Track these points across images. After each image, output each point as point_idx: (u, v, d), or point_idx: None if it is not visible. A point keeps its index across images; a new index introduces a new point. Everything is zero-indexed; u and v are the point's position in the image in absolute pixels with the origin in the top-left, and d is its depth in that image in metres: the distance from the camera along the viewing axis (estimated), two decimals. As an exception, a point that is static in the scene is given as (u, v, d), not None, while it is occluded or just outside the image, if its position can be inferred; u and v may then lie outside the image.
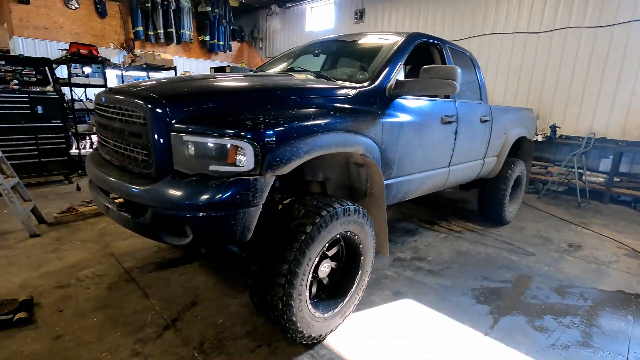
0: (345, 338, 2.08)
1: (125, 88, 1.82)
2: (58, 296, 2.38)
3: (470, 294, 2.67)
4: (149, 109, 1.55)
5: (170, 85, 1.83)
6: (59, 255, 2.95)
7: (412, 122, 2.38)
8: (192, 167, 1.56)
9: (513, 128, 3.93)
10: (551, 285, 2.86)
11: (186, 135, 1.53)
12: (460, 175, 3.23)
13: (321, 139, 1.73)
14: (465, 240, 3.73)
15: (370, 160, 2.02)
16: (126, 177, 1.68)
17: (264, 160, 1.53)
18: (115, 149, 1.82)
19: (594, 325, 2.35)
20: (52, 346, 1.91)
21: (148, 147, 1.58)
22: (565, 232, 4.14)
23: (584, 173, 5.45)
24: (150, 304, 2.34)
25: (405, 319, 2.31)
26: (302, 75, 2.41)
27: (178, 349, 1.93)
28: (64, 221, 3.71)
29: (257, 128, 1.53)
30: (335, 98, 1.97)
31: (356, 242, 2.04)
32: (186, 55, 10.23)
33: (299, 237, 1.67)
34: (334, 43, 3.23)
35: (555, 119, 6.21)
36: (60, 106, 5.04)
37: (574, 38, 5.92)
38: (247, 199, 1.53)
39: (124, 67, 7.57)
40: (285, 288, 1.65)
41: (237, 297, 2.45)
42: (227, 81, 2.00)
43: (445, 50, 2.96)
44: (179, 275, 2.73)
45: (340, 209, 1.82)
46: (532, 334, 2.23)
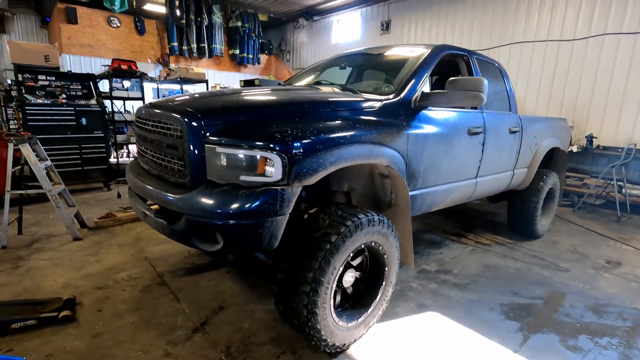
0: (369, 349, 2.09)
1: (164, 103, 1.96)
2: (97, 297, 2.53)
3: (499, 309, 2.60)
4: (185, 123, 1.66)
5: (204, 100, 1.95)
6: (98, 258, 3.15)
7: (438, 134, 2.38)
8: (223, 177, 1.65)
9: (545, 139, 3.81)
10: (586, 303, 2.73)
11: (219, 147, 1.63)
12: (488, 186, 3.17)
13: (346, 150, 1.78)
14: (493, 253, 3.63)
15: (395, 172, 2.05)
16: (163, 186, 1.80)
17: (292, 171, 1.60)
18: (154, 159, 1.95)
19: (634, 348, 2.22)
20: (91, 344, 2.04)
21: (184, 158, 1.69)
22: (603, 247, 3.93)
23: (624, 186, 5.17)
24: (181, 307, 2.44)
25: (430, 333, 2.28)
26: (328, 89, 2.48)
27: (206, 352, 2.01)
28: (103, 226, 3.95)
29: (285, 140, 1.60)
30: (361, 110, 2.02)
31: (380, 253, 2.05)
32: (217, 68, 10.66)
33: (324, 246, 1.71)
34: (360, 56, 3.29)
35: (592, 129, 5.94)
36: (102, 118, 5.40)
37: (612, 44, 5.69)
38: (275, 208, 1.59)
39: (159, 80, 8.00)
40: (310, 296, 1.69)
41: (262, 304, 2.51)
42: (256, 95, 2.10)
43: (472, 61, 2.95)
44: (208, 280, 2.83)
45: (365, 219, 1.85)
46: (565, 354, 2.13)
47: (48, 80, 5.22)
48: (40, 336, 2.09)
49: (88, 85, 5.53)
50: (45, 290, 2.59)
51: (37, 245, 3.38)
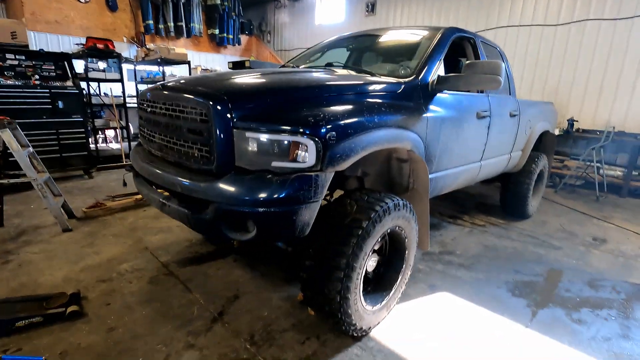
0: (390, 330, 2.12)
1: (182, 85, 1.83)
2: (103, 290, 2.42)
3: (505, 287, 2.70)
4: (211, 106, 1.56)
5: (227, 81, 1.84)
6: (95, 250, 2.99)
7: (453, 117, 2.39)
8: (254, 164, 1.58)
9: (538, 122, 3.93)
10: (583, 278, 2.89)
11: (249, 132, 1.55)
12: (490, 169, 3.25)
13: (376, 134, 1.75)
14: (490, 234, 3.76)
15: (417, 156, 2.04)
16: (185, 173, 1.71)
17: (325, 156, 1.55)
18: (170, 145, 1.84)
19: (631, 318, 2.38)
20: (108, 338, 1.96)
21: (209, 144, 1.60)
22: (588, 226, 4.16)
23: (602, 167, 5.45)
24: (194, 297, 2.38)
25: (444, 312, 2.34)
26: (343, 71, 2.42)
27: (230, 341, 1.97)
28: (93, 216, 3.75)
29: (319, 124, 1.54)
30: (386, 94, 1.98)
31: (402, 237, 2.06)
32: (196, 49, 10.18)
33: (356, 232, 1.69)
34: (363, 38, 3.22)
35: (572, 113, 6.19)
36: (80, 101, 5.05)
37: (593, 30, 5.88)
38: (310, 195, 1.55)
39: (136, 61, 7.55)
40: (344, 282, 1.68)
41: (277, 291, 2.49)
42: (280, 77, 2.00)
43: (478, 44, 2.95)
44: (216, 269, 2.76)
45: (392, 204, 1.84)
46: (572, 327, 2.26)
47: (17, 60, 4.80)
48: (49, 333, 1.97)
49: (62, 66, 5.14)
50: (44, 286, 2.44)
51: (25, 238, 3.17)
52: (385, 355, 1.92)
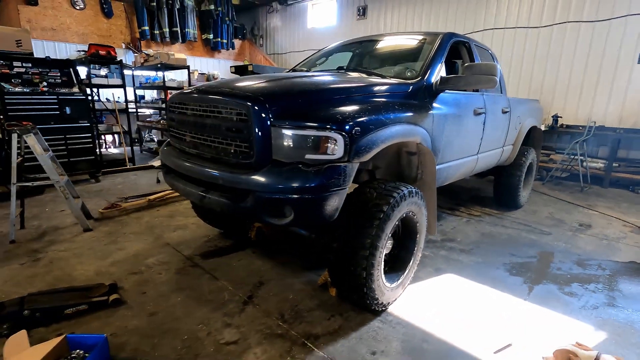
0: (405, 306, 2.35)
1: (220, 88, 2.04)
2: (135, 281, 2.59)
3: (503, 268, 2.97)
4: (251, 107, 1.77)
5: (262, 85, 2.05)
6: (119, 247, 3.15)
7: (454, 114, 2.65)
8: (289, 157, 1.79)
9: (527, 118, 4.24)
10: (571, 259, 3.18)
11: (285, 129, 1.77)
12: (485, 162, 3.52)
13: (392, 129, 1.99)
14: (485, 223, 4.04)
15: (426, 148, 2.29)
16: (225, 168, 1.91)
17: (352, 149, 1.78)
18: (206, 143, 2.04)
19: (616, 290, 2.67)
20: (151, 321, 2.14)
21: (249, 140, 1.81)
22: (575, 213, 4.49)
23: (585, 159, 5.82)
24: (222, 284, 2.57)
25: (452, 290, 2.59)
26: (355, 74, 2.65)
27: (263, 320, 2.17)
28: (109, 216, 3.90)
29: (346, 121, 1.77)
30: (398, 94, 2.23)
31: (414, 221, 2.30)
32: (190, 53, 10.31)
33: (378, 215, 1.92)
34: (364, 44, 3.46)
35: (556, 109, 6.56)
36: (86, 107, 5.17)
37: (573, 32, 6.26)
38: (339, 182, 1.77)
39: (134, 66, 7.67)
40: (368, 259, 1.91)
41: (297, 277, 2.70)
42: (308, 80, 2.22)
43: (472, 47, 3.23)
44: (238, 260, 2.96)
45: (407, 191, 2.08)
46: (564, 299, 2.53)
47: (24, 67, 4.90)
48: (96, 319, 2.15)
49: (68, 72, 5.25)
50: (79, 279, 2.60)
51: (48, 238, 3.30)
52: (404, 327, 2.15)
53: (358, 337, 2.04)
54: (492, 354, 1.95)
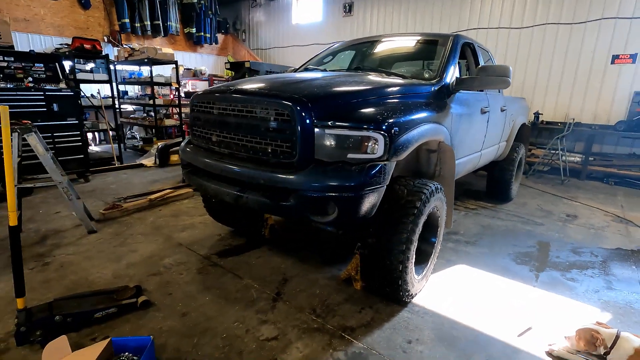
0: (427, 297, 2.47)
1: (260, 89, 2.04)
2: (158, 282, 2.56)
3: (508, 257, 3.16)
4: (296, 109, 1.80)
5: (302, 85, 2.08)
6: (130, 249, 3.09)
7: (467, 113, 2.78)
8: (332, 156, 1.84)
9: (518, 116, 4.48)
10: (567, 247, 3.43)
11: (328, 129, 1.82)
12: (487, 157, 3.71)
13: (424, 128, 2.08)
14: (483, 215, 4.25)
15: (447, 145, 2.40)
16: (264, 167, 1.93)
17: (391, 148, 1.86)
18: (242, 143, 2.05)
19: (610, 275, 2.92)
20: (184, 322, 2.13)
21: (292, 141, 1.84)
22: (560, 205, 4.80)
23: (564, 154, 6.20)
24: (248, 283, 2.59)
25: (466, 280, 2.74)
26: (375, 74, 2.72)
27: (296, 315, 2.22)
28: (111, 217, 3.79)
29: (386, 122, 1.84)
30: (423, 94, 2.32)
31: (437, 216, 2.42)
32: (173, 47, 9.99)
33: (411, 211, 2.01)
34: (374, 43, 3.54)
35: (537, 107, 6.93)
36: (75, 103, 4.95)
37: (552, 33, 6.63)
38: (380, 180, 1.85)
39: (117, 61, 7.38)
40: (405, 253, 2.00)
41: (320, 273, 2.76)
42: (343, 81, 2.27)
43: (476, 48, 3.38)
44: (256, 258, 2.98)
45: (433, 187, 2.18)
46: (568, 284, 2.74)
47: (6, 62, 4.62)
48: (126, 322, 2.12)
49: (53, 67, 5.00)
50: (97, 283, 2.54)
51: (51, 242, 3.18)
52: (431, 316, 2.26)
53: (392, 328, 2.14)
54: (516, 337, 2.10)
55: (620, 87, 6.16)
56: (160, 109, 7.71)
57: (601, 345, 1.87)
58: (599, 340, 1.87)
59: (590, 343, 1.89)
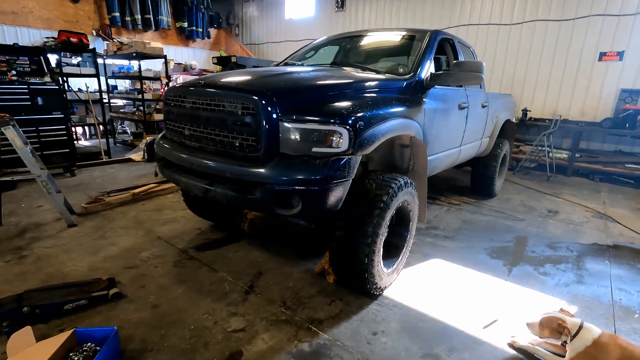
0: (399, 290, 2.50)
1: (225, 82, 2.05)
2: (133, 275, 2.58)
3: (484, 252, 3.20)
4: (260, 102, 1.82)
5: (269, 80, 2.09)
6: (109, 242, 3.10)
7: (442, 109, 2.80)
8: (296, 150, 1.86)
9: (502, 112, 4.50)
10: (543, 242, 3.47)
11: (293, 123, 1.83)
12: (467, 153, 3.73)
13: (391, 123, 2.09)
14: (465, 211, 4.29)
15: (419, 141, 2.42)
16: (232, 161, 1.95)
17: (356, 142, 1.88)
18: (210, 137, 2.06)
19: (583, 269, 2.96)
20: (155, 313, 2.16)
21: (257, 134, 1.86)
22: (543, 201, 4.84)
23: (551, 151, 6.24)
24: (222, 275, 2.62)
25: (440, 273, 2.78)
26: (350, 69, 2.73)
27: (267, 308, 2.25)
28: (93, 211, 3.79)
29: (350, 116, 1.86)
30: (394, 89, 2.34)
31: (408, 210, 2.44)
32: (164, 42, 9.93)
33: (378, 205, 2.04)
34: (355, 38, 3.54)
35: (525, 103, 6.96)
36: (60, 97, 4.93)
37: (541, 30, 6.64)
38: (344, 174, 1.87)
39: (106, 55, 7.34)
40: (370, 246, 2.03)
41: (295, 266, 2.79)
42: (311, 75, 2.28)
43: (456, 44, 3.39)
44: (234, 251, 3.00)
45: (402, 181, 2.21)
46: (540, 278, 2.78)
47: (-11, 54, 4.60)
48: (98, 314, 2.14)
49: (38, 61, 4.97)
50: (72, 275, 2.56)
51: (31, 235, 3.19)
52: (400, 309, 2.30)
53: (359, 320, 2.17)
54: (481, 329, 2.13)
55: (607, 84, 6.20)
56: (150, 103, 7.68)
57: (568, 334, 1.85)
58: (566, 330, 1.84)
59: (556, 331, 1.87)
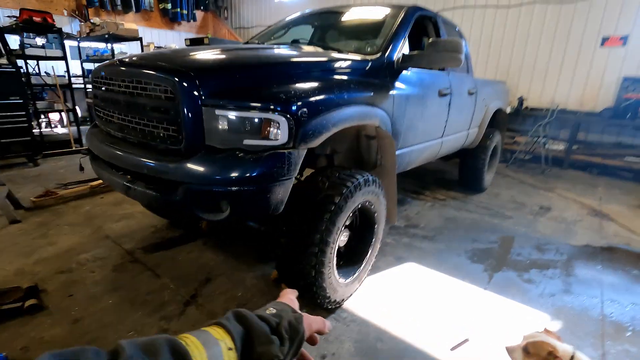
0: (361, 301, 2.22)
1: (143, 60, 1.72)
2: (63, 281, 2.29)
3: (464, 255, 2.90)
4: (178, 83, 1.49)
5: (193, 57, 1.75)
6: (49, 241, 2.80)
7: (417, 95, 2.46)
8: (225, 142, 1.54)
9: (493, 100, 4.15)
10: (531, 243, 3.17)
11: (219, 109, 1.50)
12: (450, 145, 3.41)
13: (346, 111, 1.77)
14: (450, 207, 3.98)
15: (385, 132, 2.09)
16: (151, 154, 1.63)
17: (298, 133, 1.55)
18: (132, 125, 1.74)
19: (572, 275, 2.67)
20: (73, 329, 1.87)
21: (177, 123, 1.53)
22: (535, 196, 4.53)
23: (547, 142, 5.90)
24: (164, 282, 2.32)
25: (412, 280, 2.48)
26: (310, 48, 2.38)
27: (205, 323, 1.95)
28: (44, 205, 3.49)
29: (290, 101, 1.53)
30: (355, 71, 2.00)
31: (372, 211, 2.13)
32: (146, 24, 9.49)
33: (329, 207, 1.73)
34: (326, 15, 3.18)
35: (522, 92, 6.59)
36: (18, 81, 4.57)
37: (540, 13, 6.22)
38: (283, 172, 1.55)
39: (80, 37, 6.92)
40: (318, 256, 1.72)
41: (250, 271, 2.49)
42: (250, 53, 1.94)
43: (439, 23, 3.03)
44: (186, 253, 2.71)
45: (362, 179, 1.89)
46: (523, 286, 2.49)
47: (-64, 33, 4.22)
48: (5, 330, 1.85)
49: (-7, 41, 4.59)
50: (-6, 281, 2.26)
51: (-36, 232, 2.89)
52: (359, 324, 2.01)
53: (309, 339, 1.88)
54: (449, 350, 1.85)
55: (609, 71, 5.81)
56: (128, 89, 7.30)
57: (559, 365, 1.57)
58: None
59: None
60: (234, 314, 0.57)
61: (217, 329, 0.53)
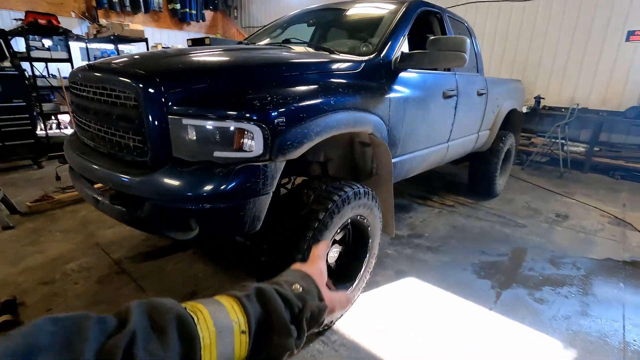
0: (354, 321, 2.05)
1: (107, 64, 1.60)
2: (44, 294, 2.21)
3: (471, 269, 2.69)
4: (141, 89, 1.36)
5: (161, 60, 1.63)
6: (38, 249, 2.74)
7: (417, 98, 2.27)
8: (194, 154, 1.40)
9: (505, 101, 3.90)
10: (545, 256, 2.93)
11: (186, 118, 1.37)
12: (458, 150, 3.19)
13: (332, 118, 1.60)
14: (458, 214, 3.76)
15: (379, 140, 1.92)
16: (117, 166, 1.51)
17: (274, 144, 1.40)
18: (100, 134, 1.62)
19: (590, 294, 2.43)
20: (45, 349, 1.77)
21: (142, 133, 1.41)
22: (552, 202, 4.25)
23: (566, 143, 5.57)
24: (147, 296, 2.21)
25: (411, 298, 2.30)
26: (300, 48, 2.23)
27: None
28: (40, 210, 3.45)
29: (265, 109, 1.38)
30: (343, 73, 1.82)
31: (365, 225, 1.96)
32: (155, 25, 9.52)
33: (312, 224, 1.57)
34: (326, 12, 3.01)
35: (540, 90, 6.25)
36: (21, 84, 4.58)
37: (559, 7, 5.87)
38: (257, 187, 1.40)
39: (88, 39, 6.95)
40: (300, 279, 1.56)
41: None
42: (224, 56, 1.80)
43: (445, 19, 2.82)
44: (175, 264, 2.60)
45: (351, 192, 1.73)
46: (534, 307, 2.28)
47: (-58, 37, 4.25)
48: (-23, 348, 1.77)
49: (-2, 44, 4.61)
50: (-25, 292, 2.20)
51: (-44, 239, 2.86)
52: (348, 349, 1.85)
53: (293, 365, 1.74)
54: (447, 383, 1.67)
55: (635, 68, 5.43)
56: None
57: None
58: None
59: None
60: (256, 291, 0.51)
61: (234, 304, 0.48)
